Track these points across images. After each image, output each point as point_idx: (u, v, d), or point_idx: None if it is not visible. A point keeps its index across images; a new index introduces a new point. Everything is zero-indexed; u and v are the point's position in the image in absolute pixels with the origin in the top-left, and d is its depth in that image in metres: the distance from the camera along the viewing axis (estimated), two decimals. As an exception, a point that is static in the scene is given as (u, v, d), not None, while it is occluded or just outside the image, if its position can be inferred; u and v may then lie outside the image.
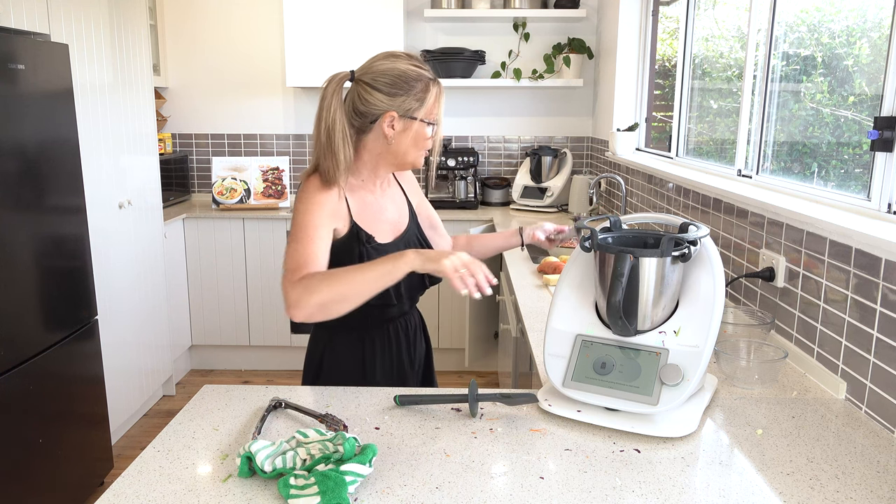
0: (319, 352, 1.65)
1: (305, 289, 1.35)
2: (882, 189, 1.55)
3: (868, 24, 1.77)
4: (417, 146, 1.53)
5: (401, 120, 1.50)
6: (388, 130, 1.50)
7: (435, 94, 1.52)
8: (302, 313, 1.35)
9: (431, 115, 1.52)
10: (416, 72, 1.50)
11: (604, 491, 1.09)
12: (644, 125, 3.64)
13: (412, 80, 1.49)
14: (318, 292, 1.34)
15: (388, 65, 1.50)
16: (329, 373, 1.64)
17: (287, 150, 4.43)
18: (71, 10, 2.75)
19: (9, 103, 2.26)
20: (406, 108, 1.49)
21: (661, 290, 1.29)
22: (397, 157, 1.54)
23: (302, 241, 1.42)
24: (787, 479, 1.13)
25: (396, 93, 1.48)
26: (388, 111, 1.49)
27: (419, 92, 1.49)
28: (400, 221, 1.64)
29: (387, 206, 1.62)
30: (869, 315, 1.38)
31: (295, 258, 1.40)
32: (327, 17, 3.88)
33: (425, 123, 1.52)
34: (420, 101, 1.50)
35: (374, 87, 1.49)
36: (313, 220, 1.45)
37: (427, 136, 1.53)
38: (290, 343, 4.04)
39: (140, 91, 3.37)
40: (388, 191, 1.66)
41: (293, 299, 1.35)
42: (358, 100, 1.51)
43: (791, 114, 2.13)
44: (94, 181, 2.92)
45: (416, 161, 1.56)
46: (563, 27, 4.22)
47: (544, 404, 1.35)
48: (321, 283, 1.35)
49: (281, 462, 1.10)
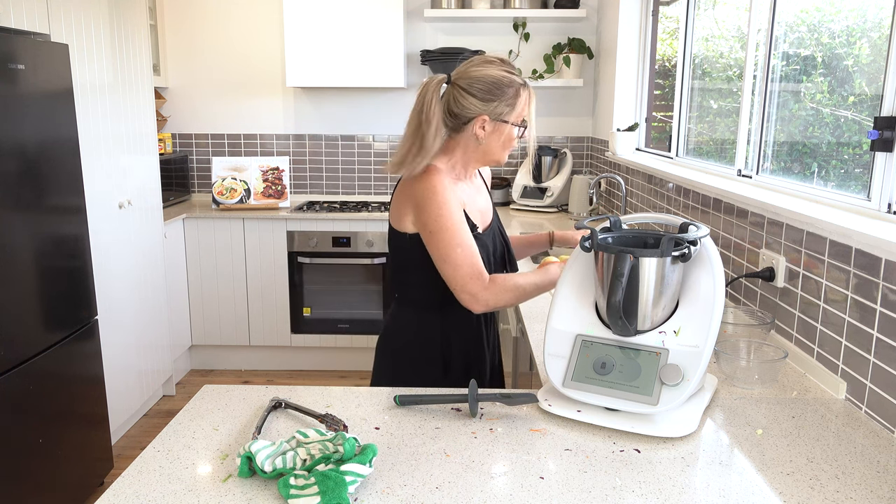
0: (403, 330, 1.75)
1: (499, 293, 1.56)
2: (882, 189, 1.55)
3: (868, 24, 1.77)
4: (505, 146, 1.65)
5: (492, 123, 1.61)
6: (480, 132, 1.61)
7: (524, 99, 1.62)
8: (484, 309, 1.57)
9: (521, 117, 1.63)
10: (508, 78, 1.60)
11: (604, 491, 1.09)
12: (644, 125, 3.64)
13: (504, 87, 1.59)
14: (507, 298, 1.56)
15: (483, 71, 1.60)
16: (412, 352, 1.73)
17: (287, 150, 4.43)
18: (71, 10, 2.75)
19: (9, 103, 2.26)
20: (498, 112, 1.60)
21: (661, 290, 1.29)
22: (486, 156, 1.66)
23: (465, 244, 1.56)
24: (787, 479, 1.13)
25: (490, 98, 1.58)
26: (480, 115, 1.60)
27: (511, 97, 1.59)
28: (487, 212, 1.77)
29: (477, 198, 1.75)
30: (869, 315, 1.38)
31: (469, 261, 1.56)
32: (327, 17, 3.89)
33: (515, 126, 1.62)
34: (511, 105, 1.60)
35: (468, 92, 1.59)
36: (459, 220, 1.58)
37: (514, 137, 1.64)
38: (290, 343, 4.04)
39: (140, 91, 3.37)
40: (475, 182, 1.78)
41: (484, 299, 1.55)
42: (453, 102, 1.61)
43: (791, 114, 2.13)
44: (94, 181, 2.92)
45: (502, 158, 1.68)
46: (563, 27, 4.23)
47: (544, 404, 1.35)
48: (508, 292, 1.56)
49: (281, 462, 1.10)
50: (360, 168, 4.45)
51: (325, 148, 4.43)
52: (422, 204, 1.57)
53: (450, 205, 1.56)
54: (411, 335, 1.73)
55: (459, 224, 1.57)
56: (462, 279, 1.55)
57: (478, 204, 1.73)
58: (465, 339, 1.73)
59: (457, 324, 1.71)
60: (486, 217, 1.75)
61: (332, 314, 4.01)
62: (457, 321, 1.71)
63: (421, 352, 1.72)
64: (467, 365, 1.74)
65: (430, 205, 1.56)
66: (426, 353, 1.71)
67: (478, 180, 1.80)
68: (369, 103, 4.36)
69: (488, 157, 1.66)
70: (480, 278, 1.55)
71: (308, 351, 4.11)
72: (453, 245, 1.55)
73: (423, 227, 1.58)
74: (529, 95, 1.63)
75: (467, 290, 1.55)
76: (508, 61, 1.63)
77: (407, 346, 1.73)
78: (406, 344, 1.73)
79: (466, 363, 1.74)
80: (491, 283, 1.56)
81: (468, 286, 1.55)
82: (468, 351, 1.74)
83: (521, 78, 1.63)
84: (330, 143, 4.43)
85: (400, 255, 1.69)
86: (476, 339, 1.75)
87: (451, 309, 1.67)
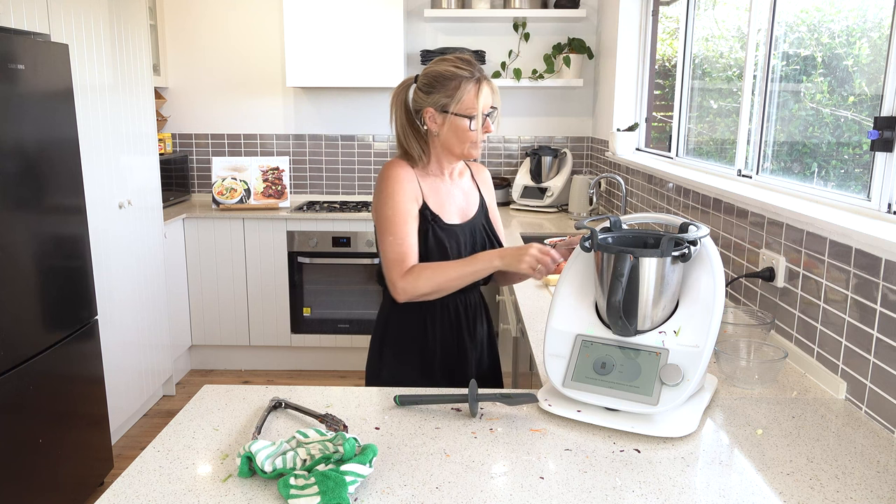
0: (384, 320, 1.80)
1: (413, 281, 1.61)
2: (882, 189, 1.55)
3: (868, 24, 1.77)
4: (459, 138, 1.67)
5: (439, 115, 1.66)
6: (432, 125, 1.68)
7: (470, 91, 1.63)
8: (405, 298, 1.62)
9: (468, 109, 1.64)
10: (451, 71, 1.64)
11: (604, 491, 1.09)
12: (644, 125, 3.64)
13: (446, 79, 1.64)
14: (423, 286, 1.60)
15: (432, 67, 1.68)
16: (394, 339, 1.77)
17: (287, 150, 4.43)
18: (71, 10, 2.75)
19: (9, 103, 2.26)
20: (441, 104, 1.65)
21: (661, 290, 1.29)
22: (448, 150, 1.70)
23: (397, 234, 1.63)
24: (787, 479, 1.13)
25: (432, 91, 1.65)
26: (426, 107, 1.67)
27: (451, 89, 1.63)
28: (468, 209, 1.80)
29: (455, 194, 1.78)
30: (869, 315, 1.38)
31: (396, 250, 1.63)
32: (327, 17, 3.88)
33: (461, 117, 1.64)
34: (451, 97, 1.63)
35: (419, 88, 1.69)
36: (400, 210, 1.64)
37: (466, 128, 1.65)
38: (290, 343, 4.04)
39: (140, 91, 3.37)
40: (460, 182, 1.81)
41: (401, 288, 1.61)
42: (410, 100, 1.72)
43: (791, 114, 2.13)
44: (94, 181, 2.92)
45: (465, 152, 1.69)
46: (563, 27, 4.22)
47: (544, 404, 1.35)
48: (427, 278, 1.60)
49: (281, 462, 1.10)
50: (360, 168, 4.45)
51: (325, 148, 4.43)
52: (375, 193, 1.69)
53: (395, 195, 1.65)
54: (392, 328, 1.78)
55: (400, 214, 1.64)
56: (386, 266, 1.64)
57: (453, 199, 1.76)
58: (443, 332, 1.76)
59: (434, 316, 1.75)
60: (465, 213, 1.78)
61: (332, 314, 4.01)
62: (434, 314, 1.74)
63: (401, 345, 1.76)
64: (447, 360, 1.76)
65: (379, 195, 1.67)
66: (406, 346, 1.75)
67: (465, 181, 1.83)
68: (369, 103, 4.36)
69: (451, 150, 1.69)
70: (399, 266, 1.62)
71: (308, 351, 4.11)
72: (385, 234, 1.64)
73: (374, 217, 1.69)
74: (479, 88, 1.64)
75: (389, 279, 1.63)
76: (466, 58, 1.67)
77: (389, 338, 1.78)
78: (388, 337, 1.78)
79: (446, 359, 1.76)
80: (408, 271, 1.62)
81: (389, 274, 1.63)
82: (448, 345, 1.76)
83: (473, 72, 1.65)
84: (330, 143, 4.43)
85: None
86: (455, 334, 1.77)
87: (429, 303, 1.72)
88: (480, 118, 1.65)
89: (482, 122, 1.65)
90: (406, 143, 1.71)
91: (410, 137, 1.70)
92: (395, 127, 1.72)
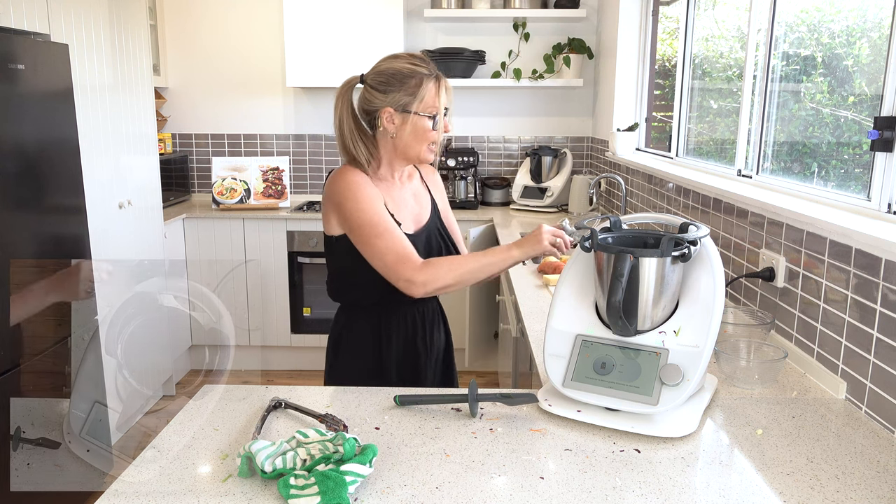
0: (337, 332, 1.75)
1: (435, 272, 1.52)
2: (882, 189, 1.55)
3: (868, 24, 1.77)
4: (418, 139, 1.60)
5: (399, 115, 1.58)
6: (389, 126, 1.59)
7: (431, 89, 1.58)
8: (425, 291, 1.52)
9: (429, 108, 1.58)
10: (409, 69, 1.58)
11: (604, 491, 1.09)
12: (644, 125, 3.64)
13: (405, 77, 1.57)
14: (446, 277, 1.52)
15: (385, 65, 1.60)
16: (345, 353, 1.73)
17: (287, 150, 4.43)
18: (71, 10, 2.75)
19: (9, 103, 2.26)
20: (402, 103, 1.57)
21: (661, 290, 1.29)
22: (405, 151, 1.63)
23: (386, 236, 1.54)
24: (787, 479, 1.13)
25: (389, 90, 1.58)
26: (385, 107, 1.58)
27: (412, 87, 1.57)
28: (422, 214, 1.73)
29: (407, 199, 1.71)
30: (869, 315, 1.38)
31: (393, 250, 1.54)
32: (327, 17, 3.88)
33: (423, 117, 1.58)
34: (412, 95, 1.57)
35: (372, 87, 1.60)
36: (379, 211, 1.57)
37: (428, 128, 1.59)
38: (290, 343, 4.04)
39: (140, 91, 3.36)
40: (409, 185, 1.74)
41: (421, 281, 1.51)
42: (363, 100, 1.62)
43: (791, 114, 2.13)
44: (94, 181, 2.92)
45: (422, 155, 1.63)
46: (563, 27, 4.22)
47: (544, 404, 1.35)
48: (449, 269, 1.53)
49: (281, 462, 1.10)
50: (360, 168, 4.45)
51: (325, 148, 4.43)
52: (340, 202, 1.58)
53: (366, 198, 1.56)
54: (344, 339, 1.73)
55: (379, 214, 1.56)
56: (392, 266, 1.53)
57: (405, 204, 1.69)
58: (398, 340, 1.71)
59: (391, 326, 1.70)
60: (419, 218, 1.72)
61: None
62: (389, 321, 1.70)
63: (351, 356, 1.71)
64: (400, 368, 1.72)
65: (347, 201, 1.57)
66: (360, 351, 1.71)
67: (415, 184, 1.77)
68: (369, 103, 4.35)
69: (407, 152, 1.62)
70: (409, 261, 1.53)
71: (308, 351, 4.10)
72: (374, 236, 1.54)
73: (347, 226, 1.59)
74: (439, 86, 1.59)
75: (401, 277, 1.52)
76: (419, 55, 1.62)
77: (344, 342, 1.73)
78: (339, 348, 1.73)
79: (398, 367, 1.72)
80: (425, 264, 1.53)
81: (400, 272, 1.52)
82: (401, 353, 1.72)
83: (430, 69, 1.60)
84: (330, 144, 4.42)
85: (332, 260, 1.69)
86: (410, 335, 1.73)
87: (385, 309, 1.68)
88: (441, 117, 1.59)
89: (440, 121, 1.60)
90: (353, 146, 1.61)
91: (358, 140, 1.61)
92: (341, 130, 1.62)
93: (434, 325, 1.79)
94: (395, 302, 1.67)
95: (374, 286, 1.61)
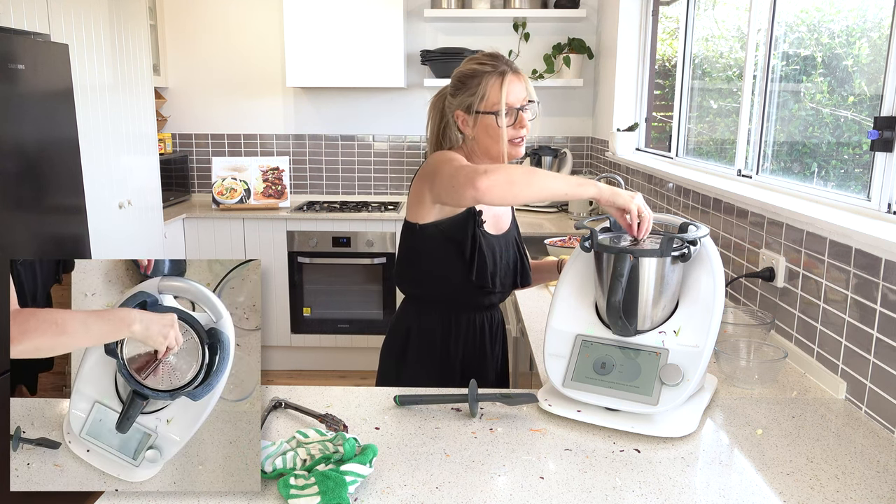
0: (405, 327, 1.72)
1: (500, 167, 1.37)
2: (882, 189, 1.55)
3: (868, 24, 1.77)
4: (492, 137, 1.58)
5: (470, 117, 1.59)
6: (465, 129, 1.61)
7: (493, 85, 1.55)
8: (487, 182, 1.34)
9: (492, 105, 1.56)
10: (472, 69, 1.58)
11: (604, 491, 1.09)
12: (644, 125, 3.64)
13: (467, 78, 1.58)
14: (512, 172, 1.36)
15: (458, 68, 1.62)
16: (414, 348, 1.71)
17: (287, 150, 4.43)
18: (71, 10, 2.75)
19: (9, 103, 2.26)
20: (467, 104, 1.58)
21: (660, 290, 1.29)
22: (485, 152, 1.62)
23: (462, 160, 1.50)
24: (787, 479, 1.13)
25: (458, 93, 1.60)
26: (454, 111, 1.61)
27: (474, 87, 1.57)
28: (502, 221, 1.73)
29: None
30: (869, 315, 1.38)
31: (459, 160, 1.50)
32: (327, 17, 3.88)
33: (488, 114, 1.56)
34: (474, 94, 1.56)
35: (449, 93, 1.63)
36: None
37: (495, 126, 1.56)
38: (290, 343, 4.04)
39: (140, 91, 3.36)
40: None
41: (482, 170, 1.35)
42: (446, 107, 1.65)
43: (791, 114, 2.13)
44: (94, 181, 2.92)
45: (503, 151, 1.59)
46: (563, 27, 4.22)
47: (544, 404, 1.35)
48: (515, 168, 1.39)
49: (281, 462, 1.10)
50: (360, 168, 4.45)
51: (325, 148, 4.43)
52: (437, 167, 1.52)
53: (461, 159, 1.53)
54: (413, 334, 1.72)
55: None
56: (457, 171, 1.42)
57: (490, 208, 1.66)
58: (466, 338, 1.71)
59: (459, 323, 1.70)
60: (500, 223, 1.72)
61: (332, 314, 4.01)
62: (459, 320, 1.70)
63: (420, 352, 1.71)
64: (467, 366, 1.73)
65: (444, 164, 1.50)
66: (426, 352, 1.70)
67: None
68: (369, 103, 4.36)
69: (489, 152, 1.61)
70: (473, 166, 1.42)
71: (308, 351, 4.10)
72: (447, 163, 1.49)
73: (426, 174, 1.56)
74: (503, 81, 1.55)
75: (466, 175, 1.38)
76: (493, 53, 1.60)
77: (409, 345, 1.72)
78: (408, 343, 1.72)
79: (465, 364, 1.72)
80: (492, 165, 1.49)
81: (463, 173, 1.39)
82: (470, 351, 1.73)
83: (498, 64, 1.57)
84: (330, 143, 4.43)
85: (409, 249, 1.67)
86: (479, 340, 1.73)
87: (455, 307, 1.68)
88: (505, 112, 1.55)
89: (516, 116, 1.57)
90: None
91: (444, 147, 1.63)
92: (430, 141, 1.66)
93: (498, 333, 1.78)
94: (464, 302, 1.67)
95: (448, 280, 1.62)
